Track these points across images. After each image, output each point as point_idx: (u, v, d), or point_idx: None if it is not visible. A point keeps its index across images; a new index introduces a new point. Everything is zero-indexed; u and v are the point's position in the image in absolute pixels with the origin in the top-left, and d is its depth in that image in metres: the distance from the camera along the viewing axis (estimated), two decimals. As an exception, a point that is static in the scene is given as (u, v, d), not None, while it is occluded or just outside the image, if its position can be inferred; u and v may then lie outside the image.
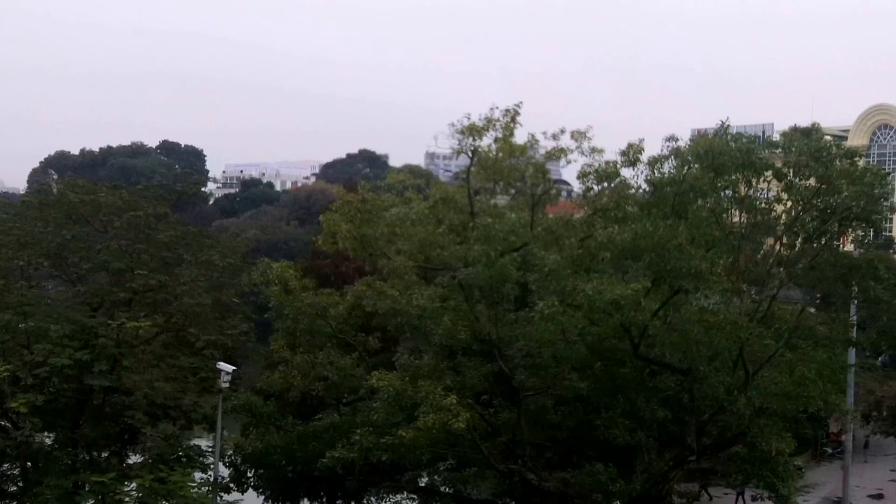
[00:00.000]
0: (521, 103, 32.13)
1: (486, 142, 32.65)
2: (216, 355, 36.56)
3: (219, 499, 37.60)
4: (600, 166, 33.18)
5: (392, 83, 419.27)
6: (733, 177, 34.66)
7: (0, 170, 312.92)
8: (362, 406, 35.06)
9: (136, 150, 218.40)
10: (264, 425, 38.74)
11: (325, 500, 44.46)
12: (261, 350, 45.23)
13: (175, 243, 37.75)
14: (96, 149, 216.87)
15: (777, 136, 50.51)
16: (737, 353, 33.34)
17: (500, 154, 33.49)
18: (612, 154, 33.97)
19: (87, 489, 33.43)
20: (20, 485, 34.70)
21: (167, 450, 34.73)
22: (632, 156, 33.32)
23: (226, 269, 38.02)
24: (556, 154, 33.46)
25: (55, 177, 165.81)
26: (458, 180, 45.52)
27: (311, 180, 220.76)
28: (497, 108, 32.07)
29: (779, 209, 37.32)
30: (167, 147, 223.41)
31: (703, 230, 32.72)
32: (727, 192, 36.02)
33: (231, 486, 40.18)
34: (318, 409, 38.32)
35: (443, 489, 38.30)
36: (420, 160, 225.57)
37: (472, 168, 33.78)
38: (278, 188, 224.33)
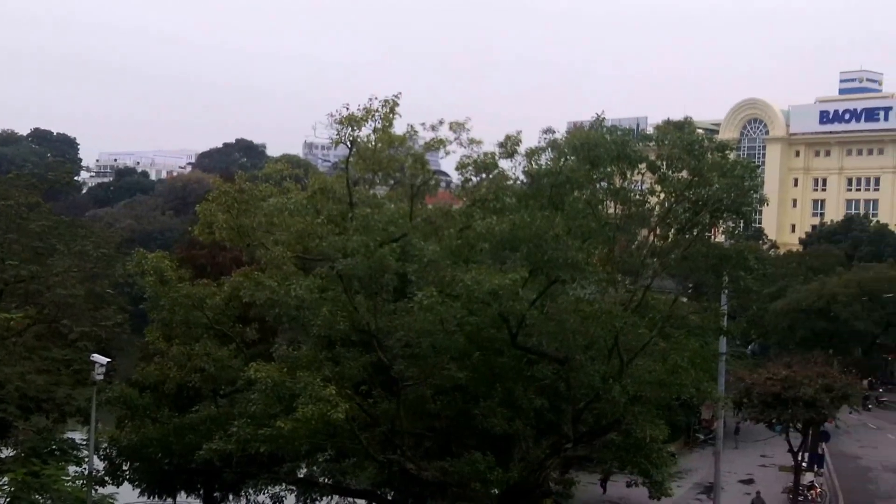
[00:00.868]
0: (401, 94, 32.15)
1: (366, 132, 32.57)
2: (90, 347, 35.94)
3: (94, 492, 37.03)
4: (479, 157, 33.39)
5: (270, 72, 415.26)
6: (608, 169, 35.14)
7: None
8: (240, 397, 34.76)
9: (7, 138, 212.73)
10: (140, 418, 38.19)
11: (202, 492, 44.03)
12: (136, 342, 44.60)
13: (47, 233, 37.00)
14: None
15: (651, 130, 51.39)
16: (612, 342, 33.87)
17: (380, 144, 33.45)
18: (490, 145, 34.25)
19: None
20: None
21: (40, 443, 34.08)
22: (510, 147, 33.61)
23: (100, 260, 37.39)
24: (435, 145, 33.57)
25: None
26: (336, 170, 45.43)
27: (188, 170, 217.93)
28: (376, 98, 32.05)
29: (652, 201, 37.95)
30: (39, 135, 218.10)
31: (579, 221, 33.15)
32: (603, 183, 36.50)
33: (106, 479, 39.57)
34: (195, 401, 37.89)
35: (322, 480, 38.20)
36: (298, 150, 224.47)
37: (351, 158, 33.68)
38: (153, 177, 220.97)
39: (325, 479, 37.88)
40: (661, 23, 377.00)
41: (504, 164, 34.26)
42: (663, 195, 36.61)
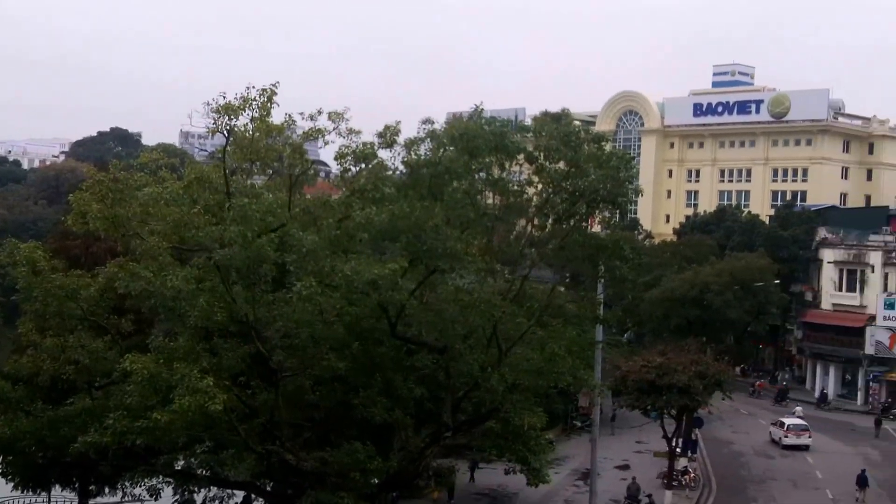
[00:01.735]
0: (279, 83, 31.88)
1: (243, 121, 32.24)
2: (-41, 340, 35.07)
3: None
4: (358, 147, 33.35)
5: (146, 61, 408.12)
6: (487, 159, 35.44)
7: None
8: (116, 390, 34.23)
9: None
10: (12, 411, 37.34)
11: (77, 485, 43.34)
12: (8, 334, 43.70)
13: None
14: None
15: (529, 121, 51.91)
16: (491, 331, 34.18)
17: (257, 134, 33.15)
18: (369, 136, 34.23)
19: None
20: None
21: None
22: (389, 137, 33.65)
23: (-31, 251, 36.38)
24: (314, 134, 33.40)
25: None
26: (213, 160, 44.89)
27: (61, 158, 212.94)
28: (254, 87, 31.76)
29: (530, 191, 38.38)
30: None
31: (458, 211, 33.38)
32: (481, 174, 36.79)
33: (-24, 474, 38.71)
34: (70, 394, 37.19)
35: (200, 472, 37.80)
36: (175, 139, 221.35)
37: (229, 148, 33.32)
38: (26, 166, 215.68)
39: (203, 471, 37.50)
40: (540, 17, 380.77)
41: (383, 154, 34.32)
42: (541, 186, 37.04)
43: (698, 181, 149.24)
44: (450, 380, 34.86)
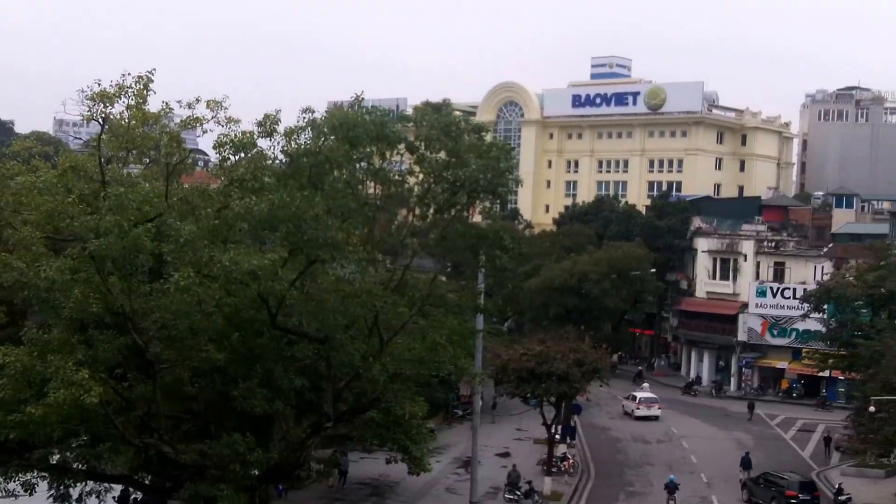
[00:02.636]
0: (155, 70, 31.39)
1: (119, 109, 31.68)
2: None
3: None
4: (237, 136, 32.98)
5: (18, 47, 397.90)
6: (368, 149, 35.36)
7: None
8: (-13, 383, 33.39)
9: None
10: None
11: (-54, 483, 42.15)
12: None
13: None
14: None
15: (410, 111, 52.02)
16: (372, 321, 34.22)
17: (133, 122, 32.60)
18: (249, 125, 33.87)
19: None
20: None
21: None
22: (268, 126, 33.30)
23: None
24: (192, 123, 32.90)
25: None
26: (88, 148, 44.07)
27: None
28: (130, 74, 31.21)
29: (412, 181, 38.48)
30: None
31: (339, 201, 33.27)
32: (362, 163, 36.72)
33: None
34: (-62, 389, 36.16)
35: (76, 466, 37.09)
36: (49, 127, 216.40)
37: (104, 136, 32.73)
38: None
39: (80, 465, 36.81)
40: (423, 7, 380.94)
41: (263, 143, 33.98)
42: (422, 176, 37.16)
43: (577, 171, 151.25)
44: (331, 370, 34.79)
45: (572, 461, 64.75)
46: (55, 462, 36.58)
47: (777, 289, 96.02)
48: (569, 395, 63.37)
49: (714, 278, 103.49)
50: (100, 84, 30.64)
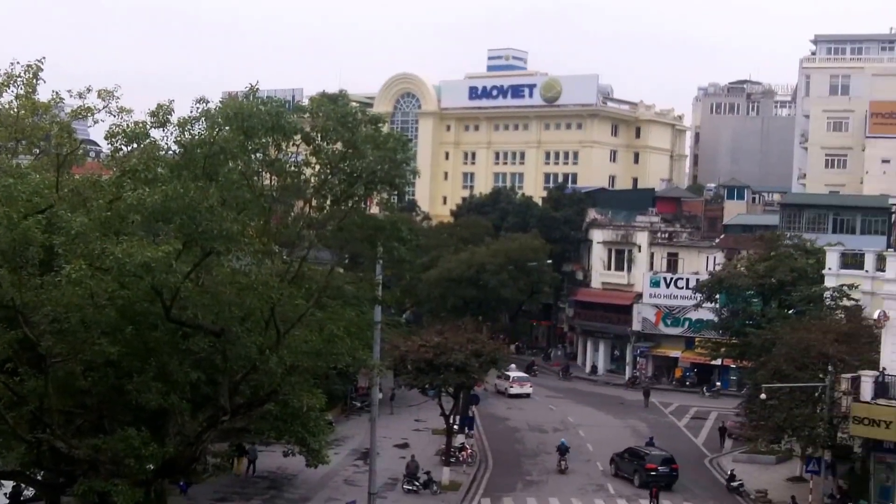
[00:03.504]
0: (44, 58, 30.87)
1: (7, 98, 31.07)
2: None
3: None
4: (129, 126, 32.48)
5: None
6: (263, 140, 35.07)
7: None
8: None
9: None
10: None
11: None
12: None
13: None
14: None
15: (306, 101, 51.75)
16: (269, 314, 34.01)
17: (23, 111, 32.01)
18: (141, 115, 33.40)
19: None
20: None
21: None
22: (162, 116, 32.82)
23: None
24: (83, 113, 32.42)
25: None
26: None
27: None
28: (18, 62, 30.63)
29: (308, 172, 38.32)
30: None
31: (234, 192, 32.96)
32: (258, 154, 36.47)
33: None
34: None
35: (-35, 463, 36.40)
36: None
37: (-8, 126, 32.11)
38: None
39: (-31, 463, 36.10)
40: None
41: (156, 133, 33.51)
42: (318, 167, 37.04)
43: (474, 163, 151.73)
44: (227, 363, 34.50)
45: (470, 451, 65.16)
46: (-56, 460, 35.82)
47: (670, 279, 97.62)
48: (467, 385, 63.80)
49: (609, 269, 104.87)
50: (-13, 72, 30.06)
